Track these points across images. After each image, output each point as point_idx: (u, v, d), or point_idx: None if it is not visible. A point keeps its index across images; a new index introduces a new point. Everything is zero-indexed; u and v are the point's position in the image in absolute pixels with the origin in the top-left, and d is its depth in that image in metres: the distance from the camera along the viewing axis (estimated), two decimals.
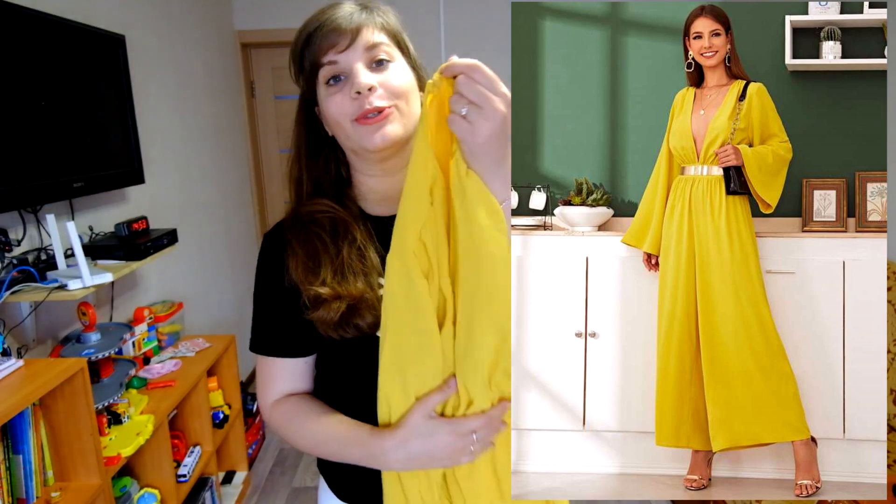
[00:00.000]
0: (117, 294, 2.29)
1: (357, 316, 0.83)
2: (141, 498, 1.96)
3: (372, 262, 0.87)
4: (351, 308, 0.83)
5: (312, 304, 0.85)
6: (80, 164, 1.94)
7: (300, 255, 0.87)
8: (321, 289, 0.84)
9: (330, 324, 0.84)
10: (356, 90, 0.83)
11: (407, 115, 0.87)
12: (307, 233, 0.89)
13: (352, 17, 0.86)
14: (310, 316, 0.85)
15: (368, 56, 0.85)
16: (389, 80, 0.86)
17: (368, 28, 0.86)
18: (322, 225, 0.89)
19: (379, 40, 0.86)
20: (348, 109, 0.85)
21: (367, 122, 0.85)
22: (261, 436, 3.12)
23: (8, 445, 1.49)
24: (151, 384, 2.14)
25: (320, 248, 0.87)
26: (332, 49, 0.85)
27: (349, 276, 0.85)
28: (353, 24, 0.85)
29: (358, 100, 0.84)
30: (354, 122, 0.85)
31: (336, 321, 0.83)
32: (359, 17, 0.86)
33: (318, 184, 0.95)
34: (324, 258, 0.87)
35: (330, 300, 0.83)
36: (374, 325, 0.84)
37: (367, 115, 0.84)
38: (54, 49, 1.83)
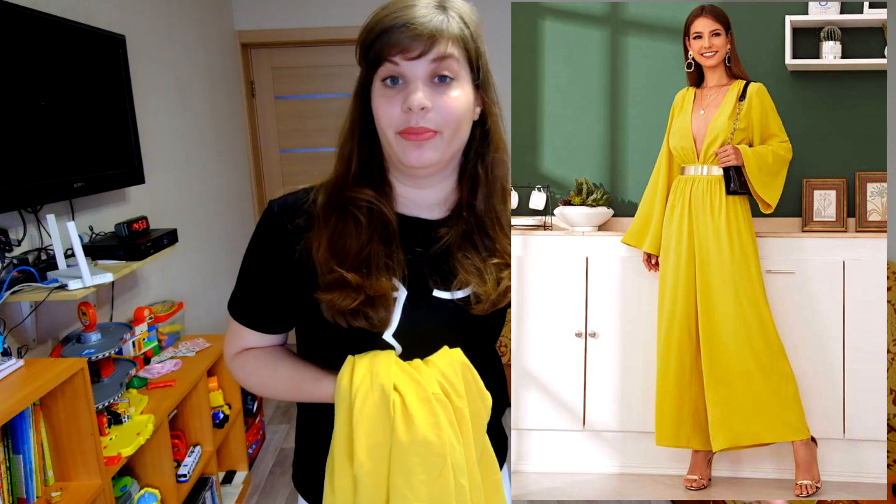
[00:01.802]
0: (117, 294, 2.29)
1: (371, 308, 0.83)
2: (141, 498, 1.96)
3: (398, 261, 0.86)
4: (368, 300, 0.83)
5: (329, 287, 0.84)
6: (80, 164, 1.94)
7: (328, 235, 0.86)
8: (347, 274, 0.83)
9: (343, 310, 0.83)
10: (408, 105, 0.79)
11: (449, 143, 0.83)
12: (343, 214, 0.87)
13: (430, 20, 0.79)
14: (322, 297, 0.84)
15: (433, 68, 0.80)
16: (446, 104, 0.81)
17: (444, 37, 0.80)
18: (361, 211, 0.87)
19: (450, 52, 0.80)
20: (395, 120, 0.81)
21: (409, 137, 0.81)
22: (261, 436, 3.12)
23: (8, 445, 1.49)
24: (152, 384, 2.14)
25: (354, 233, 0.86)
26: (402, 53, 0.79)
27: (374, 270, 0.84)
28: (429, 30, 0.79)
29: (408, 113, 0.80)
30: (398, 134, 0.82)
31: (350, 309, 0.83)
32: (437, 20, 0.80)
33: (363, 167, 0.90)
34: (352, 244, 0.85)
35: (350, 289, 0.83)
36: (384, 321, 0.84)
37: (411, 131, 0.81)
38: (54, 49, 1.83)
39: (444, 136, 0.82)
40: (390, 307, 0.84)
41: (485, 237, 0.89)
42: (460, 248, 0.88)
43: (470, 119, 0.86)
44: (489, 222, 0.89)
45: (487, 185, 0.90)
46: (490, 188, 0.90)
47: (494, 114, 0.89)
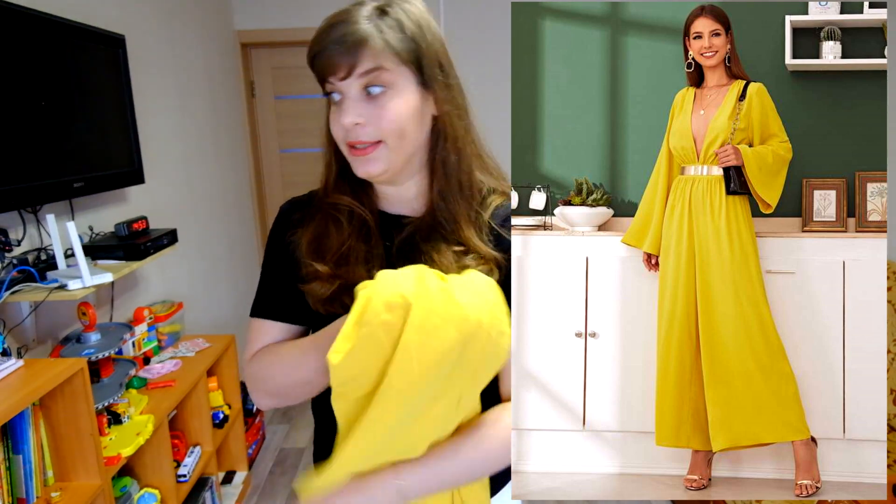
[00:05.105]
0: (117, 294, 2.29)
1: (346, 295, 0.85)
2: (141, 498, 1.96)
3: (378, 255, 0.90)
4: (344, 287, 0.87)
5: (309, 277, 0.90)
6: (80, 164, 1.94)
7: (311, 235, 0.92)
8: (320, 266, 0.88)
9: (320, 298, 0.89)
10: (341, 123, 0.83)
11: (397, 150, 0.85)
12: (324, 216, 0.93)
13: (354, 36, 0.79)
14: (304, 287, 0.90)
15: (363, 83, 0.81)
16: (381, 115, 0.82)
17: (370, 50, 0.80)
18: (342, 214, 0.92)
19: (377, 65, 0.80)
20: (340, 134, 0.86)
21: (354, 152, 0.85)
22: (261, 436, 3.12)
23: (8, 445, 1.49)
24: (151, 384, 2.14)
25: (335, 232, 0.91)
26: (332, 75, 0.82)
27: (352, 262, 0.89)
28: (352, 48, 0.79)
29: (347, 128, 0.84)
30: (347, 145, 0.86)
31: (327, 297, 0.88)
32: (363, 33, 0.80)
33: (343, 170, 0.93)
34: (333, 242, 0.90)
35: (324, 278, 0.88)
36: None
37: (354, 146, 0.85)
38: (54, 49, 1.83)
39: (388, 145, 0.84)
40: None
41: (444, 230, 0.90)
42: (427, 240, 0.90)
43: (417, 122, 0.86)
44: (448, 216, 0.90)
45: (441, 181, 0.90)
46: (445, 183, 0.90)
47: (445, 111, 0.88)
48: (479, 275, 0.83)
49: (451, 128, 0.89)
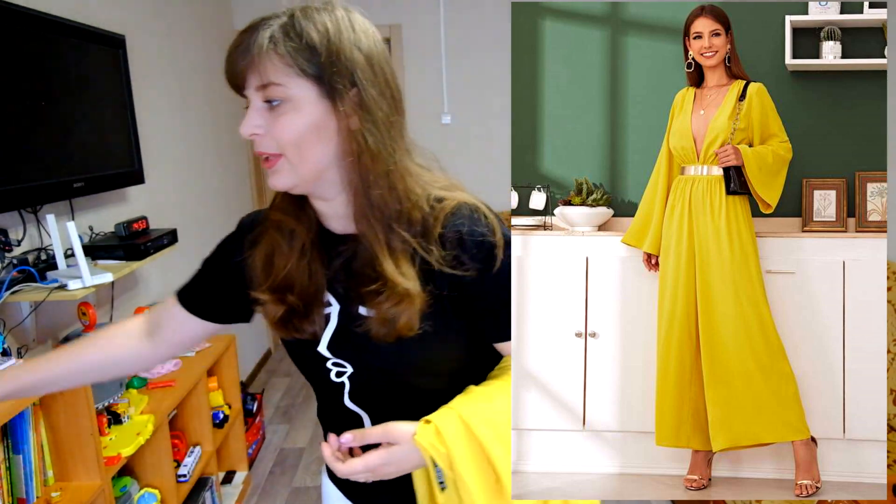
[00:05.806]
0: (117, 294, 2.29)
1: (293, 325, 0.88)
2: (141, 498, 1.96)
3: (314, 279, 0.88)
4: (289, 312, 0.88)
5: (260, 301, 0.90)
6: (80, 164, 1.94)
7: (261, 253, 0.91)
8: (261, 295, 0.89)
9: (273, 321, 0.90)
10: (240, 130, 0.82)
11: (298, 164, 0.80)
12: (270, 236, 0.91)
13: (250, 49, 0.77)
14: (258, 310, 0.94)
15: (262, 95, 0.79)
16: (275, 128, 0.79)
17: (261, 64, 0.77)
18: (282, 233, 0.89)
19: (269, 80, 0.77)
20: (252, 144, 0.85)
21: (263, 163, 0.84)
22: (261, 436, 3.12)
23: (8, 445, 1.49)
24: (151, 384, 2.14)
25: (278, 251, 0.89)
26: (236, 88, 0.82)
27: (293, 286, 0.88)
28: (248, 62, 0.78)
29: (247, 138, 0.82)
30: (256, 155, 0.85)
31: (278, 319, 0.89)
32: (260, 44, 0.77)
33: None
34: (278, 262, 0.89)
35: (267, 304, 0.89)
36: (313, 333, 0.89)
37: (260, 156, 0.83)
38: (54, 49, 1.83)
39: (289, 159, 0.80)
40: (314, 319, 0.88)
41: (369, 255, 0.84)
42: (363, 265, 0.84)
43: (318, 136, 0.80)
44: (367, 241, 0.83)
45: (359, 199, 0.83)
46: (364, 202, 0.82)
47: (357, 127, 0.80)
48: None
49: (365, 143, 0.81)
